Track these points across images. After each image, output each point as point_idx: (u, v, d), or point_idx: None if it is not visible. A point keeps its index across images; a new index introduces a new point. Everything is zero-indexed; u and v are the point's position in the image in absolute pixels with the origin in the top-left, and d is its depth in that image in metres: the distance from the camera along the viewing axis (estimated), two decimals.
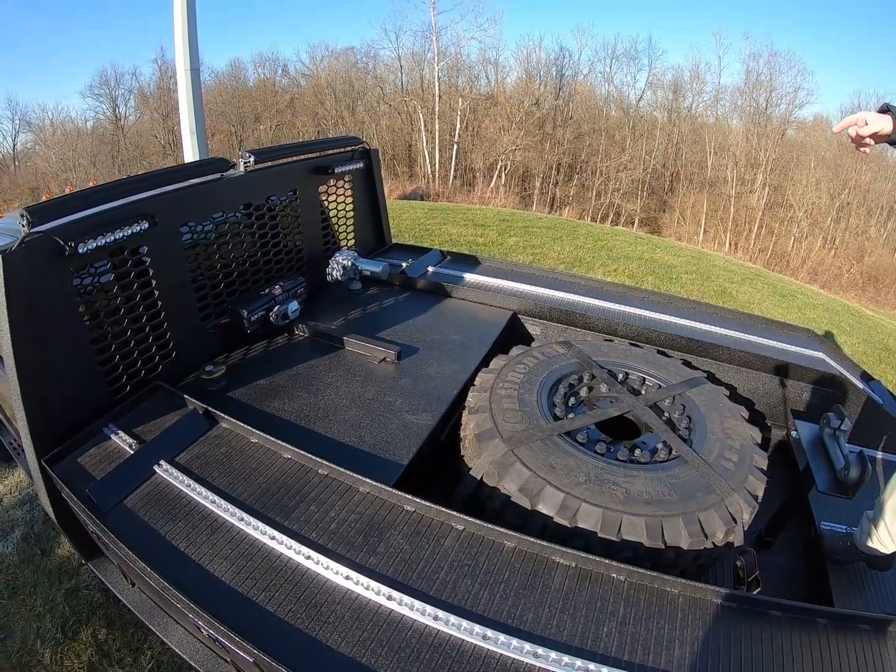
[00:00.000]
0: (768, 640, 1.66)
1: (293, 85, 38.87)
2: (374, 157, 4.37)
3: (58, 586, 3.23)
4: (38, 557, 3.45)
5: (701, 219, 33.77)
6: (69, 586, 3.23)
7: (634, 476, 2.23)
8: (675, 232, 33.15)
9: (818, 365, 3.55)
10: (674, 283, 9.80)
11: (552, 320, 3.88)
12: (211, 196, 3.03)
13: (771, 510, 2.91)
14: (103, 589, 3.16)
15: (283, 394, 2.84)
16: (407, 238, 10.12)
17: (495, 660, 1.53)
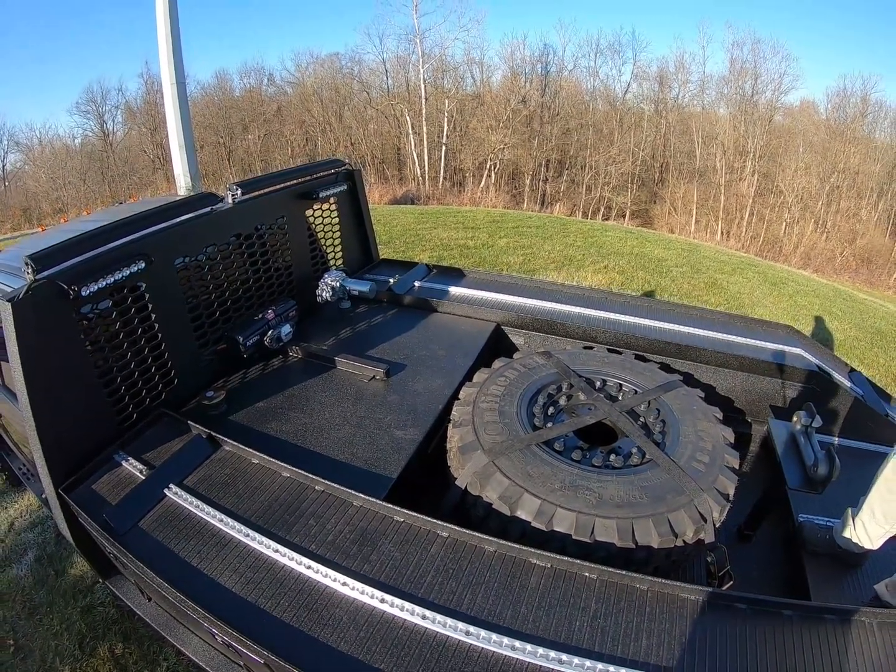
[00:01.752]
0: (734, 631, 1.80)
1: (280, 93, 38.99)
2: (357, 177, 4.47)
3: (73, 605, 3.33)
4: (52, 578, 3.54)
5: (692, 208, 33.85)
6: (84, 604, 3.33)
7: (607, 481, 2.38)
8: (666, 223, 33.24)
9: (796, 361, 3.67)
10: (664, 276, 9.90)
11: (534, 330, 4.00)
12: (202, 230, 3.16)
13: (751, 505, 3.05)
14: (117, 605, 3.26)
15: (280, 415, 2.98)
16: (398, 244, 10.22)
17: (477, 653, 1.70)
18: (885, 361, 7.55)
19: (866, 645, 1.79)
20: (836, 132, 33.04)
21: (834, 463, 2.61)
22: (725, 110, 35.54)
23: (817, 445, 2.78)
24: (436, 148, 35.01)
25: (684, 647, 1.75)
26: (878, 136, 34.23)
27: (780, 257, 28.36)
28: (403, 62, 36.39)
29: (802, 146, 33.28)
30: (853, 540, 2.54)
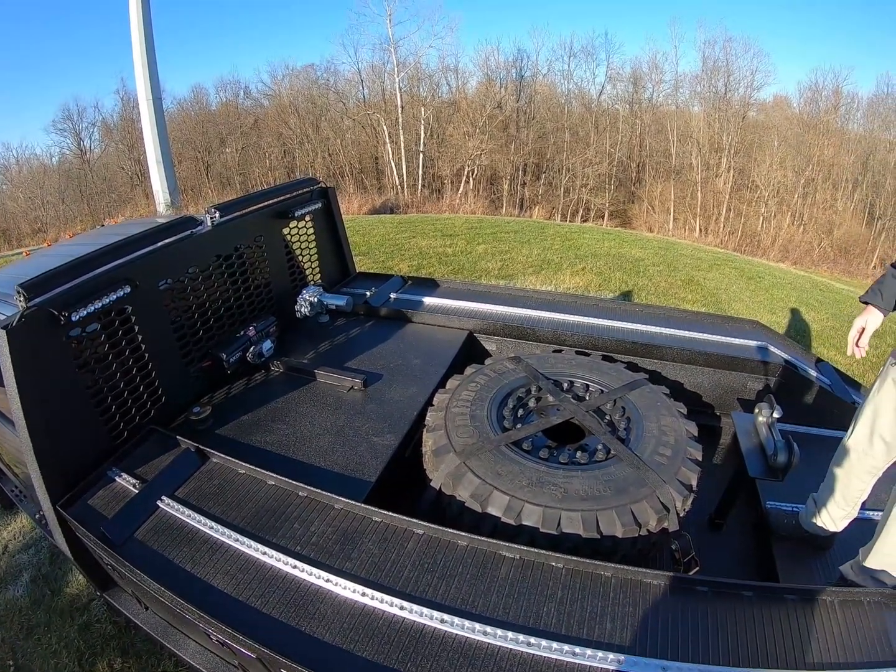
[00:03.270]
0: (695, 613, 1.95)
1: (256, 106, 38.83)
2: (331, 194, 4.59)
3: (70, 623, 3.37)
4: (48, 598, 3.57)
5: (670, 206, 34.08)
6: (81, 622, 3.37)
7: (572, 476, 2.53)
8: (645, 222, 33.44)
9: (762, 355, 3.84)
10: (641, 276, 10.00)
11: (506, 336, 4.15)
12: (183, 253, 3.27)
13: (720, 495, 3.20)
14: (114, 621, 3.32)
15: (264, 427, 3.11)
16: (378, 255, 10.27)
17: (452, 639, 1.85)
18: None
19: (828, 622, 1.93)
20: (809, 125, 33.39)
21: (792, 451, 2.77)
22: (699, 108, 35.88)
23: (778, 435, 2.91)
24: (413, 156, 35.09)
25: (647, 628, 1.89)
26: (852, 128, 34.60)
27: (759, 251, 28.58)
28: (378, 71, 36.52)
29: (777, 141, 33.60)
30: (818, 524, 2.67)
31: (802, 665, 1.80)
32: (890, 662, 1.80)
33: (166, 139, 20.15)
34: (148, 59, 18.24)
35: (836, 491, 2.62)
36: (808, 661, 1.81)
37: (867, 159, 32.66)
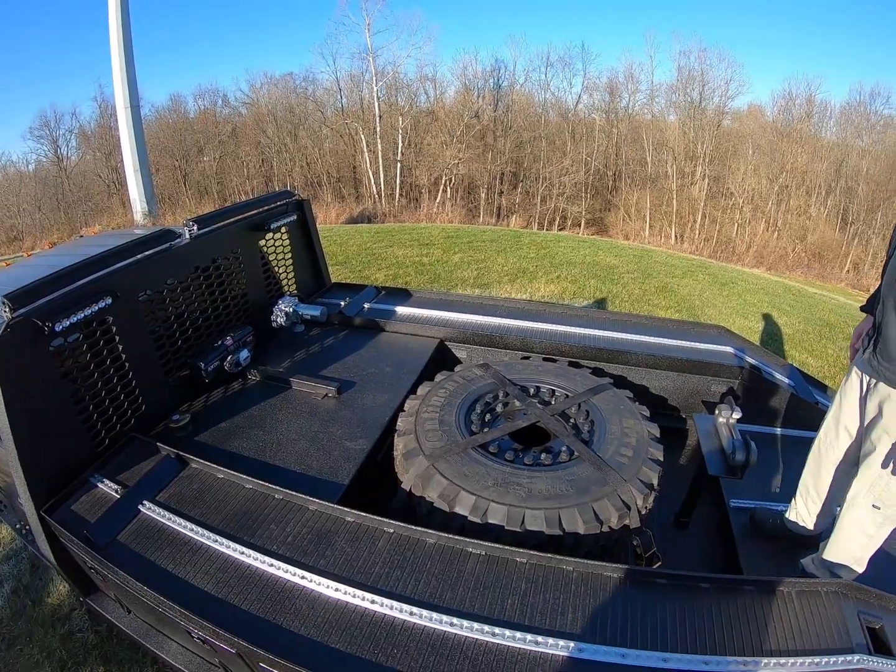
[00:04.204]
0: (654, 604, 2.06)
1: (234, 114, 38.85)
2: (306, 207, 4.66)
3: (52, 633, 3.34)
4: (29, 608, 3.52)
5: (645, 214, 34.47)
6: (63, 632, 3.35)
7: (536, 477, 2.65)
8: (621, 230, 33.79)
9: (724, 358, 3.99)
10: (615, 283, 10.10)
11: (475, 344, 4.27)
12: (163, 265, 3.34)
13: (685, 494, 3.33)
14: (96, 630, 3.31)
15: (242, 433, 3.19)
16: (355, 264, 10.32)
17: (420, 630, 1.95)
18: (833, 352, 7.80)
19: (786, 612, 2.03)
20: (783, 133, 33.95)
21: (750, 449, 2.89)
22: (675, 117, 36.44)
23: (737, 435, 3.04)
24: (391, 165, 35.23)
25: (607, 618, 2.00)
26: (825, 135, 35.20)
27: (734, 258, 28.97)
28: (357, 80, 36.76)
29: (751, 148, 34.16)
30: (800, 523, 2.81)
31: (760, 652, 1.88)
32: (847, 649, 1.89)
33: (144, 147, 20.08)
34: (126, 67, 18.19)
35: (810, 486, 2.76)
36: (765, 648, 1.90)
37: (840, 166, 33.29)
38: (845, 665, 1.85)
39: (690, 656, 1.87)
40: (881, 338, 2.21)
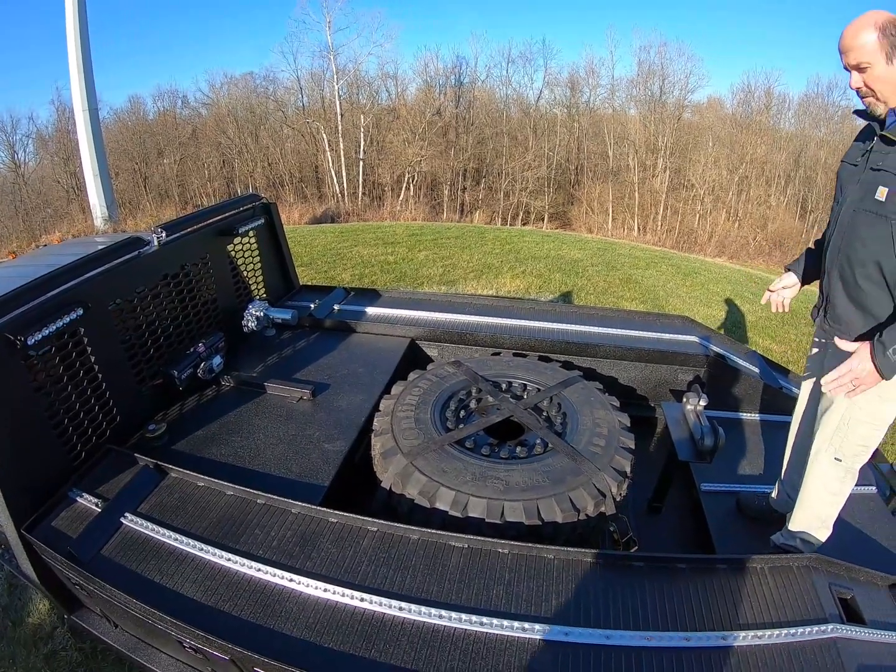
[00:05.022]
0: (634, 587, 2.14)
1: (194, 115, 38.23)
2: (273, 210, 4.65)
3: (35, 653, 3.23)
4: (10, 629, 3.39)
5: (608, 207, 34.76)
6: (46, 651, 3.24)
7: (513, 470, 2.71)
8: (584, 223, 34.03)
9: (690, 348, 4.11)
10: (580, 276, 10.18)
11: (447, 342, 4.32)
12: (132, 273, 3.30)
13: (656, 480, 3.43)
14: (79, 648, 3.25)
15: (219, 440, 3.18)
16: (320, 265, 10.26)
17: (410, 625, 1.99)
18: (795, 337, 7.97)
19: (759, 588, 2.14)
20: (742, 125, 34.52)
21: (718, 435, 3.01)
22: (635, 111, 36.87)
23: (705, 421, 3.13)
24: (353, 164, 35.04)
25: (589, 602, 2.08)
26: (783, 126, 35.77)
27: (696, 248, 29.34)
28: (318, 79, 36.47)
29: (711, 140, 34.66)
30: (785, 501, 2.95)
31: (738, 626, 1.99)
32: (821, 620, 2.01)
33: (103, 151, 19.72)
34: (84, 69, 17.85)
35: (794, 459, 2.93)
36: (743, 622, 2.00)
37: (799, 156, 33.98)
38: (820, 635, 1.96)
39: (672, 633, 1.95)
40: (830, 304, 2.48)
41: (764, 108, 35.48)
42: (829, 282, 2.48)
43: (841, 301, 2.43)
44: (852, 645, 1.96)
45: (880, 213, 2.20)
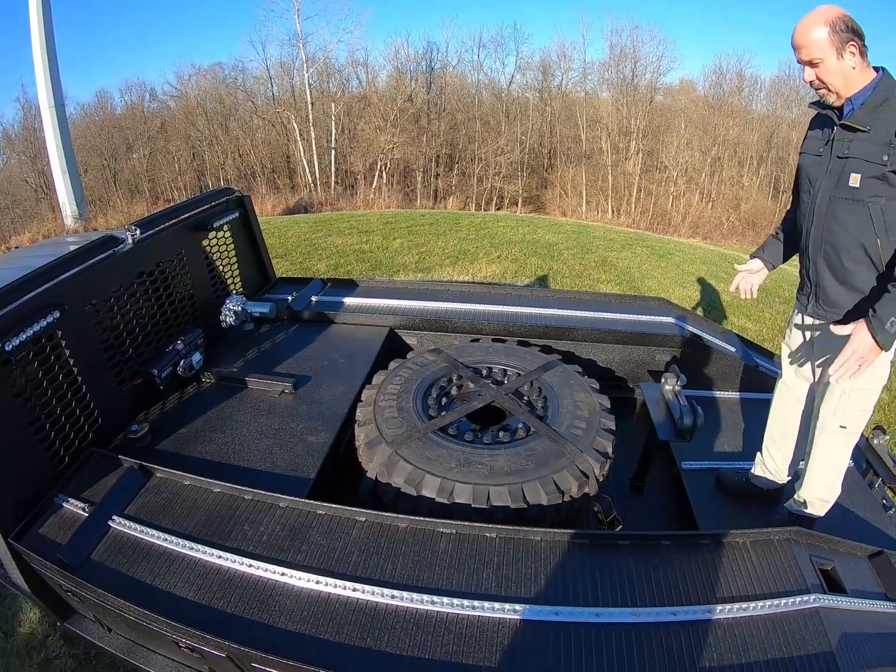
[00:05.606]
0: (620, 565, 2.19)
1: (163, 108, 37.38)
2: (247, 203, 4.60)
3: (29, 663, 3.20)
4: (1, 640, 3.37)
5: (582, 190, 34.80)
6: (40, 660, 3.21)
7: (497, 455, 2.75)
8: (558, 207, 34.07)
9: (667, 329, 4.17)
10: (556, 260, 10.23)
11: (425, 329, 4.33)
12: (108, 273, 3.24)
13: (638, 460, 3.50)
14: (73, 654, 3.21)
15: (203, 438, 3.16)
16: (295, 256, 10.22)
17: (403, 612, 2.02)
18: (770, 315, 8.11)
19: (743, 561, 2.21)
20: (714, 107, 34.71)
21: (697, 414, 3.07)
22: (608, 94, 36.84)
23: (684, 400, 3.19)
24: (325, 153, 34.72)
25: (577, 581, 2.12)
26: (755, 108, 36.06)
27: (670, 229, 29.47)
28: (287, 68, 35.92)
29: (683, 123, 34.82)
30: (768, 476, 3.09)
31: (723, 600, 2.05)
32: (804, 590, 2.08)
33: (71, 148, 19.40)
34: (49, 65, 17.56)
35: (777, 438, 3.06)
36: (728, 595, 2.07)
37: (771, 137, 34.34)
38: (803, 605, 2.03)
39: (659, 609, 2.01)
40: (820, 290, 2.57)
41: (736, 90, 35.72)
42: (815, 270, 2.57)
43: (832, 286, 2.52)
44: (834, 613, 2.03)
45: (856, 199, 2.30)
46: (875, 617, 2.14)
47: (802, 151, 2.62)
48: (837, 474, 2.77)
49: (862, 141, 2.26)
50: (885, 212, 2.25)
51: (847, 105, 2.30)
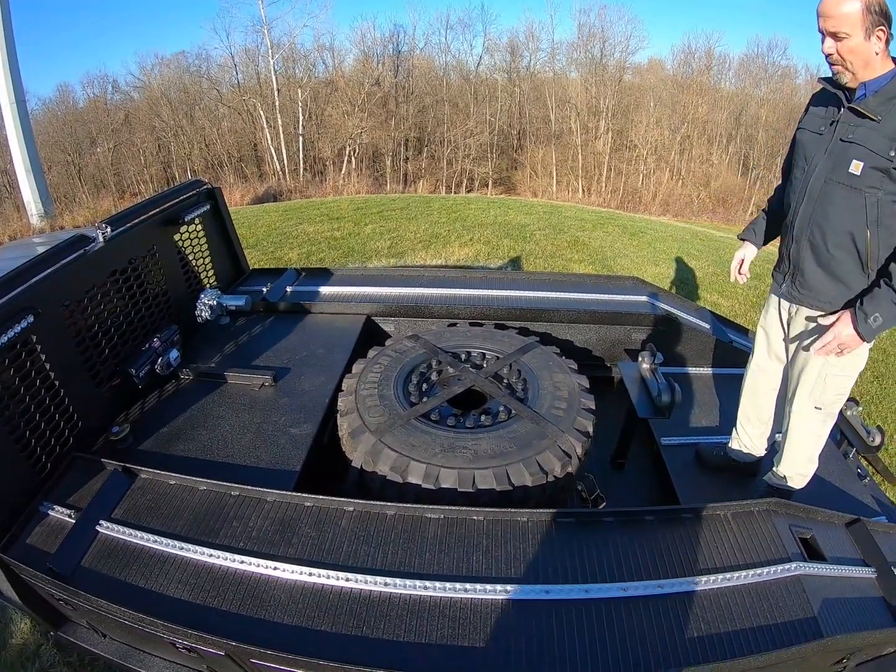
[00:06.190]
0: (605, 541, 2.24)
1: (126, 100, 36.74)
2: (218, 194, 4.53)
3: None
4: None
5: (552, 170, 34.98)
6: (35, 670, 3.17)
7: (480, 438, 2.77)
8: (529, 187, 34.22)
9: (641, 308, 4.22)
10: (528, 241, 10.22)
11: (402, 316, 4.31)
12: (80, 273, 3.17)
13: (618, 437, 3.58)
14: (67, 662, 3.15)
15: (185, 436, 3.12)
16: (266, 246, 10.12)
17: (397, 598, 2.04)
18: (742, 291, 8.16)
19: (724, 533, 2.27)
20: (683, 86, 35.06)
21: (674, 390, 3.14)
22: (576, 74, 37.06)
23: (661, 378, 3.26)
24: (293, 140, 34.44)
25: (566, 559, 2.17)
26: (724, 86, 36.40)
27: (641, 207, 29.77)
28: (252, 55, 35.53)
29: (653, 101, 35.12)
30: (744, 451, 3.15)
31: (707, 571, 2.11)
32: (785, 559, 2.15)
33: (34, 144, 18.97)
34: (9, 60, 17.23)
35: (751, 415, 3.11)
36: (711, 567, 2.13)
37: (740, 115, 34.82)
38: (785, 573, 2.11)
39: (646, 583, 2.06)
40: (798, 271, 2.58)
41: (704, 69, 36.11)
42: (797, 250, 2.56)
43: (811, 269, 2.52)
44: (815, 580, 2.12)
45: (854, 186, 2.29)
46: (854, 582, 2.22)
47: (801, 127, 2.56)
48: (815, 450, 2.83)
49: (869, 129, 2.21)
50: (880, 205, 2.24)
51: (860, 89, 2.24)
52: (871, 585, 2.24)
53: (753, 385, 3.06)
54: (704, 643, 1.90)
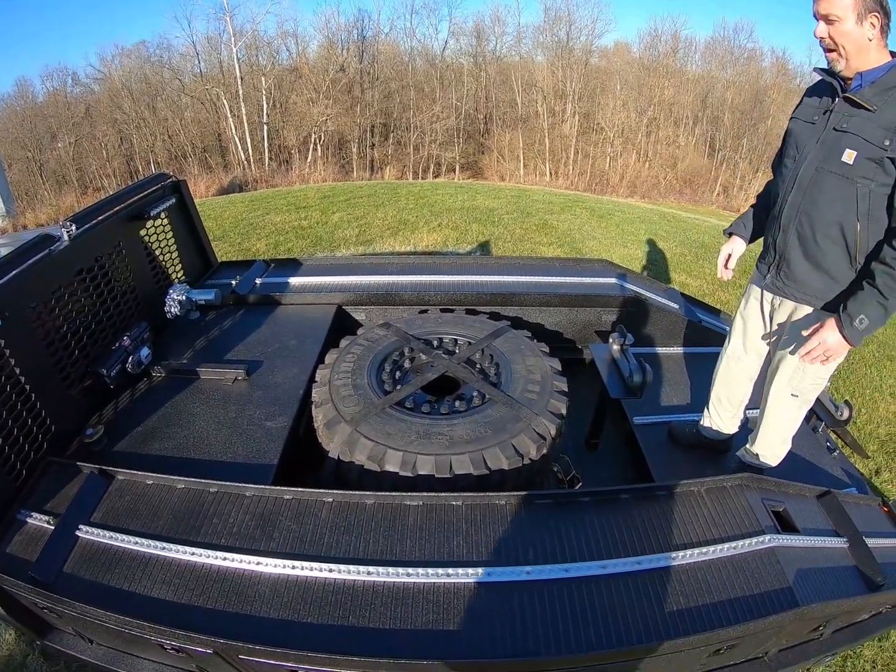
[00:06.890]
0: (582, 520, 2.28)
1: (87, 92, 35.90)
2: (183, 187, 4.45)
3: None
4: None
5: (519, 154, 35.05)
6: None
7: (455, 424, 2.79)
8: (496, 171, 34.23)
9: (610, 289, 4.26)
10: (496, 225, 10.25)
11: (373, 304, 4.30)
12: (46, 274, 3.10)
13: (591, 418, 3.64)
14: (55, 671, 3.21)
15: (160, 434, 3.09)
16: (233, 237, 9.99)
17: (381, 586, 2.06)
18: (710, 271, 8.23)
19: (699, 508, 2.33)
20: (649, 69, 35.30)
21: (645, 371, 3.20)
22: (543, 57, 37.02)
23: (632, 359, 3.32)
24: (257, 129, 34.02)
25: (545, 540, 2.20)
26: (690, 69, 36.69)
27: (608, 189, 29.91)
28: (215, 43, 34.97)
29: (619, 84, 35.28)
30: (714, 428, 3.22)
31: (683, 546, 2.17)
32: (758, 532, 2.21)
33: None
34: None
35: (723, 397, 3.16)
36: (687, 542, 2.19)
37: (706, 97, 35.21)
38: (759, 545, 2.18)
39: (624, 560, 2.11)
40: (784, 262, 2.59)
41: (671, 52, 36.30)
42: (784, 240, 2.56)
43: (797, 260, 2.53)
44: (788, 552, 2.19)
45: (846, 176, 2.29)
46: (826, 552, 2.30)
47: (794, 116, 2.56)
48: (790, 433, 2.91)
49: (864, 119, 2.21)
50: (871, 196, 2.25)
51: (856, 79, 2.24)
52: (843, 555, 2.32)
53: (727, 372, 3.11)
54: (684, 616, 1.95)
